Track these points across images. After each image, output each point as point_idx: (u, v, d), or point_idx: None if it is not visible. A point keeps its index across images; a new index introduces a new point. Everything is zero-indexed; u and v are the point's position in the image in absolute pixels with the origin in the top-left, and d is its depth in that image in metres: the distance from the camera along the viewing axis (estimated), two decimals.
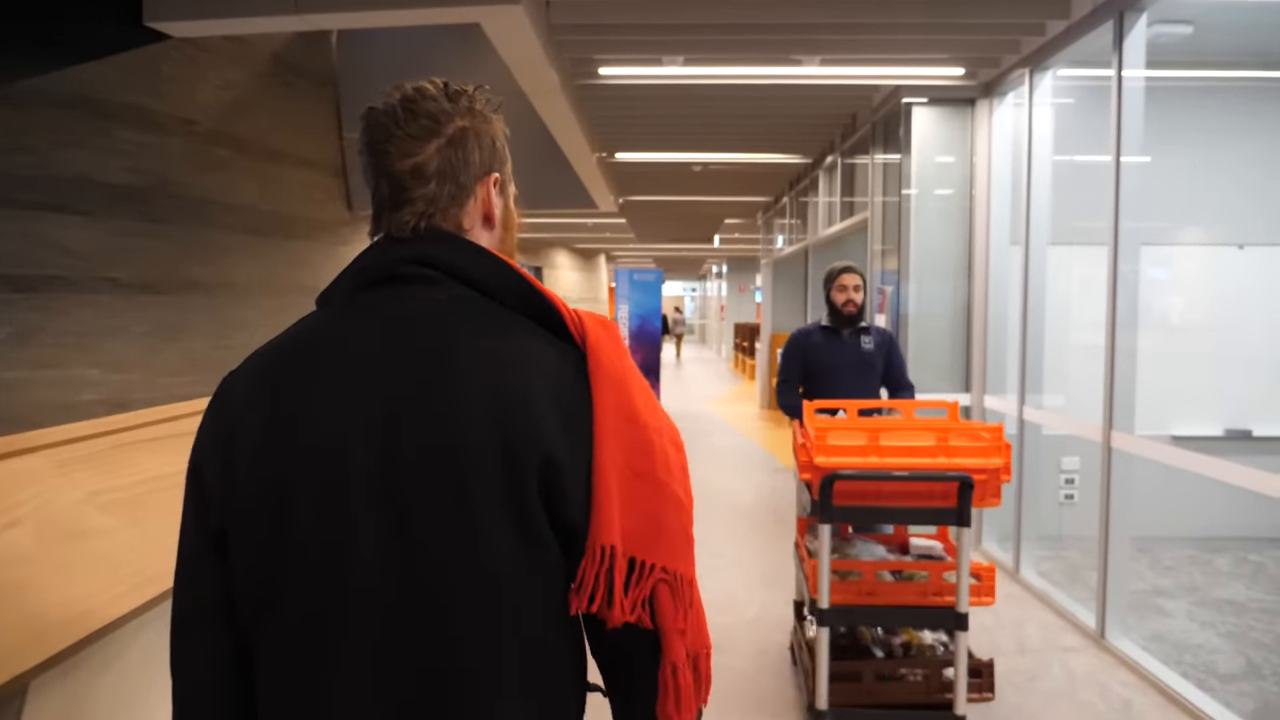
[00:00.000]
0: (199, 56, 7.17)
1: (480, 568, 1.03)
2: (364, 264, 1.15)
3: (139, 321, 6.27)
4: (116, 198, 6.10)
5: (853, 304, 4.39)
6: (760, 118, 7.79)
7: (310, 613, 1.05)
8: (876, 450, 3.07)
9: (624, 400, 1.09)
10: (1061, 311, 5.51)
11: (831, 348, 4.43)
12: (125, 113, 6.24)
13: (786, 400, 4.39)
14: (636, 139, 8.68)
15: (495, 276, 1.13)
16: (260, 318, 7.73)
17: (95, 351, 5.56)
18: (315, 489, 1.05)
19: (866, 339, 4.43)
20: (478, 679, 1.04)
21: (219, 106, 7.44)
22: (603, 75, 6.07)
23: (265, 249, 8.06)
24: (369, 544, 1.03)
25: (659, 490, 1.09)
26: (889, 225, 6.56)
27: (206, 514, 1.10)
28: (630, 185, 12.09)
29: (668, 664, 1.07)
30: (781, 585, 5.21)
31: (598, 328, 1.13)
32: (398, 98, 1.13)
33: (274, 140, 8.41)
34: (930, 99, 5.91)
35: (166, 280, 6.59)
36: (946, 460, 3.02)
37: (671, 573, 1.07)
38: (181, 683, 1.14)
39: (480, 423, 1.03)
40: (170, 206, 6.66)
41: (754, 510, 7.12)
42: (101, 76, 5.99)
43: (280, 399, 1.08)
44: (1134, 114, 4.16)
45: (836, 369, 4.37)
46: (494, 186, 1.19)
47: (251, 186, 7.89)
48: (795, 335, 4.58)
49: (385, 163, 1.12)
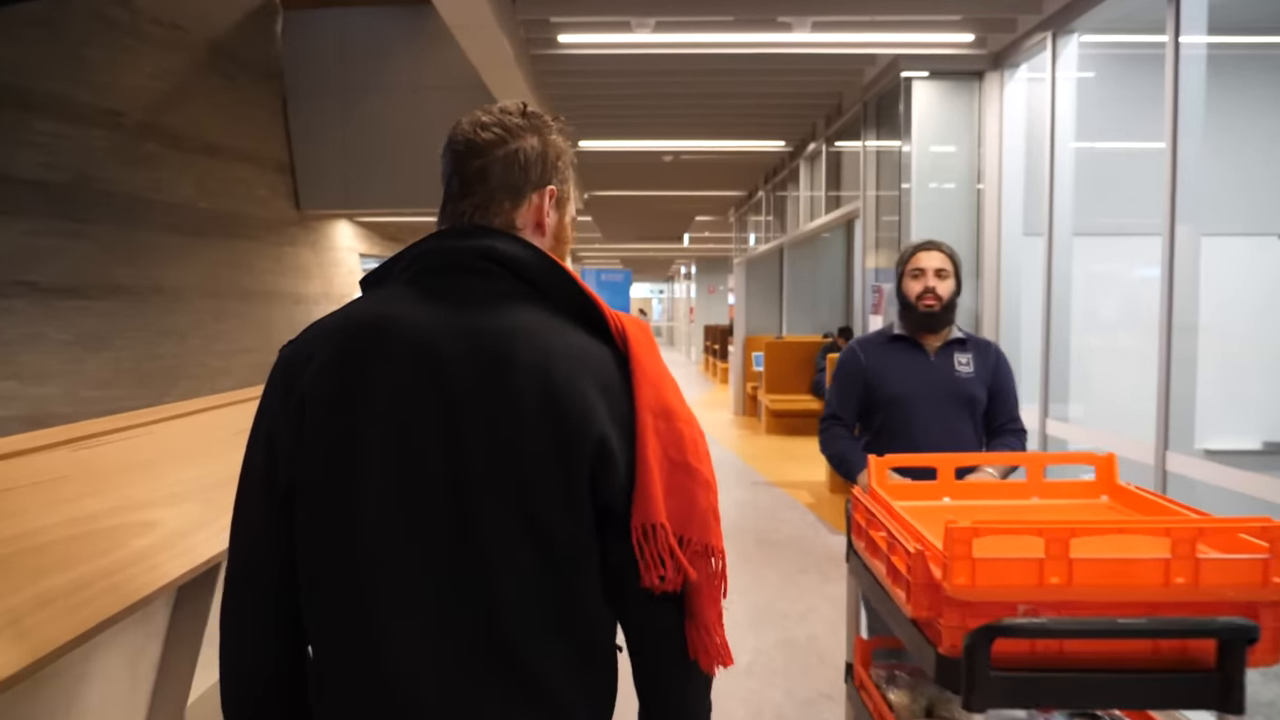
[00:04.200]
0: (127, 42, 6.79)
1: (527, 527, 1.19)
2: (427, 249, 1.30)
3: (60, 329, 5.87)
4: (33, 195, 5.71)
5: (934, 297, 2.97)
6: (738, 97, 7.49)
7: (374, 560, 1.19)
8: (1063, 568, 1.61)
9: (661, 397, 1.27)
10: (1085, 311, 5.16)
11: (907, 368, 3.02)
12: (43, 102, 5.86)
13: (837, 448, 3.05)
14: (602, 124, 8.36)
15: (548, 275, 1.28)
16: (196, 324, 7.33)
17: (10, 362, 5.18)
18: (382, 455, 1.19)
19: (962, 356, 3.02)
20: (518, 620, 1.20)
21: (150, 97, 7.04)
22: (563, 44, 5.72)
23: (202, 250, 7.67)
24: (428, 502, 1.19)
25: (692, 476, 1.26)
26: (884, 216, 6.26)
27: (274, 476, 1.24)
28: (596, 179, 11.83)
29: (701, 625, 1.26)
30: (772, 625, 4.80)
31: (637, 330, 1.31)
32: (483, 112, 1.34)
33: (212, 134, 8.04)
34: (931, 72, 5.59)
35: (91, 284, 6.19)
36: (1196, 592, 1.64)
37: (706, 545, 1.26)
38: (230, 635, 1.30)
39: (536, 403, 1.19)
40: (94, 205, 6.26)
41: (736, 534, 6.73)
42: (15, 61, 5.59)
43: (349, 370, 1.22)
44: (1193, 86, 3.79)
45: (913, 401, 2.97)
46: (549, 198, 1.36)
47: (186, 183, 7.50)
48: (852, 349, 3.18)
49: (459, 162, 1.31)
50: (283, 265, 8.55)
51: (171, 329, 6.33)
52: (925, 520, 1.90)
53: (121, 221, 5.99)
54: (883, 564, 1.95)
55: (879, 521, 2.03)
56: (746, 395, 14.16)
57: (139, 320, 6.00)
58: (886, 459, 2.39)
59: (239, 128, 8.08)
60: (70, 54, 5.52)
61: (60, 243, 5.58)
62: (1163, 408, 3.81)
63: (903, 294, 3.05)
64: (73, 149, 5.69)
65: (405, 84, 8.77)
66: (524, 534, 1.19)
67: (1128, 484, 2.21)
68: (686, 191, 13.20)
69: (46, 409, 5.37)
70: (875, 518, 2.07)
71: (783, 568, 5.82)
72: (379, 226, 11.27)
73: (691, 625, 1.27)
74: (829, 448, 3.08)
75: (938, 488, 2.36)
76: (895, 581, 1.84)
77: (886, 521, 1.98)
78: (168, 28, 6.75)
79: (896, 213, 5.81)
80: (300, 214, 8.97)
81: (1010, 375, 3.08)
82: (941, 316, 2.99)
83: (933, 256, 3.01)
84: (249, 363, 7.34)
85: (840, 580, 5.60)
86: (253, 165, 8.18)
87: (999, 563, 1.61)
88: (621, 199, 13.62)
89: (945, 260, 3.01)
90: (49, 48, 5.27)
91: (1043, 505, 2.28)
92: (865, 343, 3.17)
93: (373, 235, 11.19)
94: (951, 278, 3.01)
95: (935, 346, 3.03)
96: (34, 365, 5.37)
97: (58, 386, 5.49)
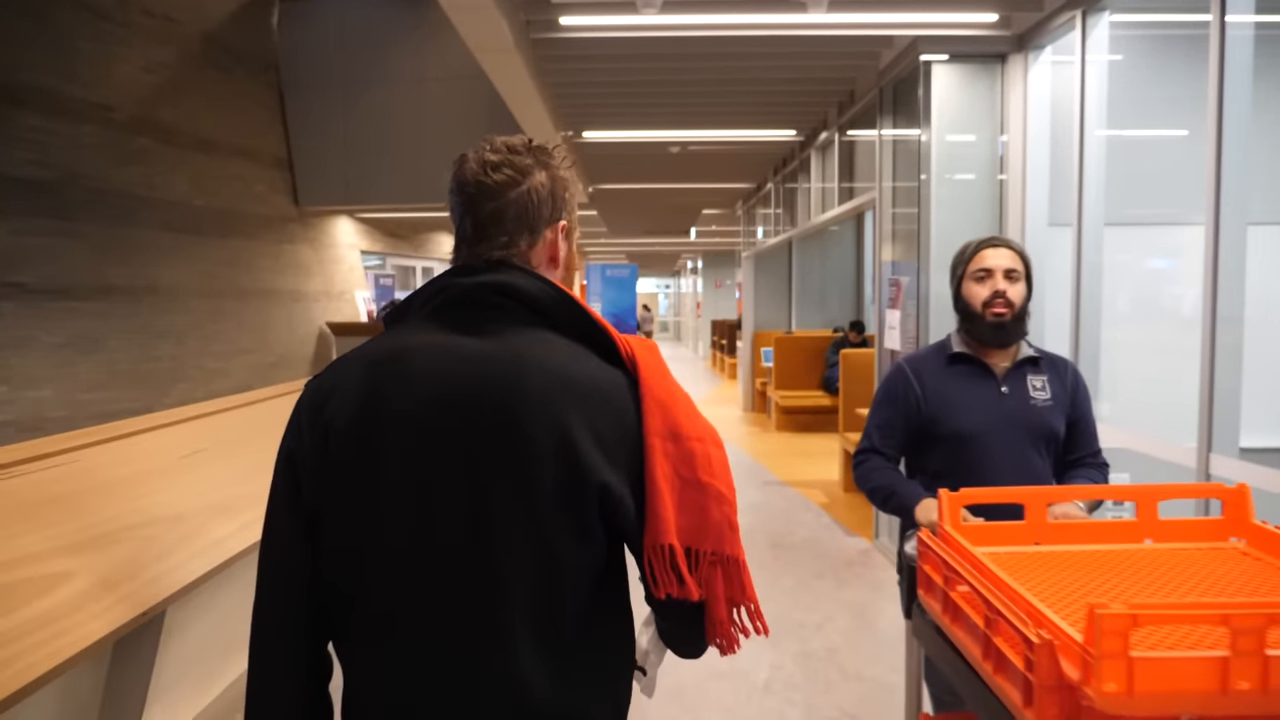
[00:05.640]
0: (117, 34, 6.66)
1: (541, 553, 1.24)
2: (442, 286, 1.36)
3: (51, 332, 5.75)
4: (20, 193, 5.59)
5: (1005, 304, 2.49)
6: (748, 83, 7.30)
7: (391, 581, 1.26)
8: (1256, 668, 1.19)
9: (670, 420, 1.32)
10: (1114, 304, 4.97)
11: (974, 397, 2.53)
12: (30, 96, 5.74)
13: (882, 479, 2.56)
14: (606, 113, 8.18)
15: (559, 307, 1.34)
16: (192, 324, 7.20)
17: (0, 367, 5.06)
18: (400, 485, 1.25)
19: (1036, 379, 2.55)
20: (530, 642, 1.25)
21: (141, 90, 6.91)
22: (565, 26, 5.55)
23: (198, 249, 7.54)
24: (445, 528, 1.24)
25: (703, 491, 1.31)
26: (900, 209, 6.10)
27: (298, 498, 1.30)
28: (601, 172, 11.68)
29: (715, 622, 1.32)
30: (789, 636, 4.63)
31: (645, 353, 1.37)
32: (489, 149, 1.36)
33: (207, 128, 7.91)
34: (952, 55, 5.42)
35: (82, 285, 6.07)
36: None
37: (721, 554, 1.30)
38: (259, 639, 1.35)
39: (548, 436, 1.24)
40: (85, 203, 6.13)
41: (750, 538, 6.59)
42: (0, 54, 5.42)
43: (369, 402, 1.28)
44: (1239, 69, 3.61)
45: (983, 439, 2.49)
46: (561, 233, 1.42)
47: (181, 180, 7.38)
48: (901, 371, 2.66)
49: (472, 205, 1.35)
50: (281, 263, 8.42)
51: (167, 330, 6.20)
52: (1020, 572, 1.59)
53: (113, 220, 5.87)
54: (973, 640, 1.55)
55: (963, 577, 1.61)
56: (756, 391, 14.03)
57: (133, 321, 5.88)
58: (962, 495, 1.96)
59: (235, 122, 7.95)
60: (58, 47, 5.39)
61: (50, 242, 5.46)
62: (1206, 407, 3.62)
63: (964, 301, 2.56)
64: (62, 145, 5.57)
65: (407, 76, 8.64)
66: (540, 562, 1.25)
67: (1264, 523, 1.81)
68: (693, 184, 13.05)
69: (40, 413, 5.25)
70: (957, 573, 1.64)
71: (798, 573, 5.69)
72: (380, 222, 11.14)
73: (708, 624, 1.34)
74: (871, 480, 2.58)
75: (1026, 530, 1.96)
76: (1002, 673, 1.43)
77: (976, 582, 1.55)
78: (160, 19, 6.62)
79: (914, 204, 5.65)
80: (299, 210, 8.85)
81: (1089, 399, 2.63)
82: (1013, 328, 2.50)
83: (1001, 254, 2.54)
84: (247, 363, 7.21)
85: (857, 585, 5.46)
86: (250, 161, 8.05)
87: (1165, 663, 1.20)
88: (627, 192, 13.48)
89: (1016, 259, 2.54)
90: (36, 40, 5.14)
91: (1162, 552, 1.87)
92: (918, 363, 2.65)
93: (374, 231, 11.07)
94: (1023, 280, 2.52)
95: (1004, 367, 2.55)
96: (24, 369, 5.25)
97: (51, 390, 5.36)
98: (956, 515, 1.93)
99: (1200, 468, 3.53)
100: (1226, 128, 3.55)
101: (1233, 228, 3.55)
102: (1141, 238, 5.13)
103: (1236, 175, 3.57)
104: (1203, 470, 3.52)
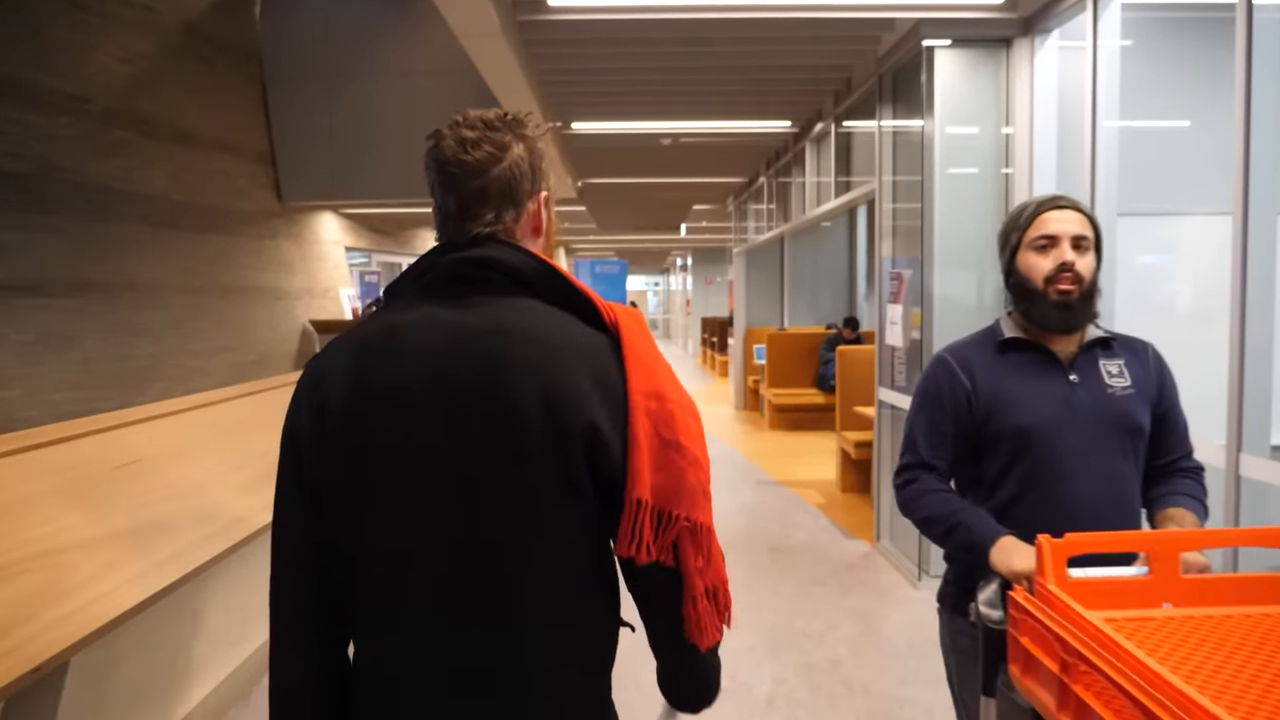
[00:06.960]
0: (94, 23, 6.49)
1: (532, 517, 1.30)
2: (429, 264, 1.39)
3: (20, 328, 5.56)
4: None
5: (1073, 278, 2.03)
6: (741, 71, 7.15)
7: (390, 550, 1.31)
8: None
9: (652, 380, 1.35)
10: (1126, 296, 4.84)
11: (1035, 387, 2.08)
12: (4, 87, 5.57)
13: (941, 506, 2.07)
14: (595, 102, 8.05)
15: (542, 276, 1.38)
16: (171, 322, 7.02)
17: None
18: (395, 451, 1.30)
19: (1111, 364, 2.11)
20: (525, 604, 1.31)
21: (119, 81, 6.74)
22: (553, 8, 5.42)
23: (177, 244, 7.35)
24: (439, 497, 1.30)
25: (681, 454, 1.33)
26: (900, 202, 5.98)
27: (302, 476, 1.35)
28: (590, 165, 11.54)
29: (689, 598, 1.33)
30: (791, 647, 4.51)
31: (628, 319, 1.40)
32: (464, 125, 1.38)
33: (187, 121, 7.73)
34: (955, 40, 5.28)
35: (55, 280, 5.88)
36: None
37: (693, 521, 1.32)
38: (277, 614, 1.39)
39: (533, 399, 1.28)
40: (59, 196, 5.95)
41: (746, 542, 6.42)
42: None
43: (363, 379, 1.33)
44: (1268, 49, 3.46)
45: (1051, 435, 2.04)
46: (543, 203, 1.46)
47: (159, 173, 7.19)
48: (944, 362, 2.20)
49: (454, 184, 1.38)
50: (263, 259, 8.25)
51: (145, 327, 6.04)
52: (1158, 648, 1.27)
53: (89, 214, 5.70)
54: None
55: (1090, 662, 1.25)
56: (748, 389, 13.91)
57: (109, 319, 5.72)
58: (1068, 542, 1.53)
59: (216, 115, 7.78)
60: (32, 35, 5.24)
61: (21, 237, 5.30)
62: (1235, 405, 3.48)
63: (1019, 275, 2.09)
64: (35, 137, 5.41)
65: (393, 69, 8.48)
66: (533, 528, 1.30)
67: None
68: (684, 179, 12.92)
69: (9, 413, 5.09)
70: (1077, 653, 1.28)
71: (798, 579, 5.56)
72: (365, 218, 10.98)
73: (684, 599, 1.34)
74: (923, 506, 2.09)
75: (1151, 587, 1.57)
76: None
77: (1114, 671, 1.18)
78: (138, 8, 6.45)
79: (916, 198, 5.52)
80: (282, 205, 8.68)
81: (1176, 388, 2.18)
82: (1082, 309, 2.05)
83: (1068, 218, 2.05)
84: (228, 362, 7.05)
85: (860, 591, 5.34)
86: (231, 154, 7.88)
87: None
88: (617, 187, 13.35)
89: (1085, 224, 2.06)
90: (8, 28, 4.99)
91: None
92: (963, 352, 2.19)
93: (359, 227, 10.91)
94: (1092, 250, 2.07)
95: (1071, 353, 2.10)
96: None
97: (20, 389, 5.21)
98: (1062, 570, 1.52)
99: (1229, 468, 3.40)
100: (1255, 113, 3.43)
101: (1262, 217, 3.43)
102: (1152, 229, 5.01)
103: (1266, 163, 3.44)
104: (1232, 470, 3.40)
